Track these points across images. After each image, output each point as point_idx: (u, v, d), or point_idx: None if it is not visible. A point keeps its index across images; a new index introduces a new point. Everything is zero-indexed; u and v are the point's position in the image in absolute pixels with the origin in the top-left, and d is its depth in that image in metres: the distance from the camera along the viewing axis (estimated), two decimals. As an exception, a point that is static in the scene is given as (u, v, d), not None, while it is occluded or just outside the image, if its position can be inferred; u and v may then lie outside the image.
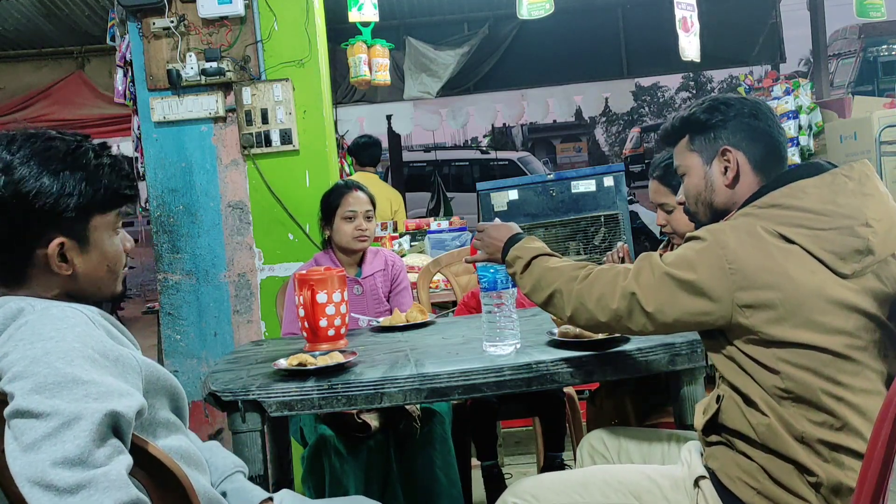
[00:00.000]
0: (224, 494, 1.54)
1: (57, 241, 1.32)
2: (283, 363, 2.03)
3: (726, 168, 1.67)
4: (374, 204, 2.97)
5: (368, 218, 2.93)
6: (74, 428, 1.14)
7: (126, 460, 1.18)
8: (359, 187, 2.97)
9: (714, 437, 1.63)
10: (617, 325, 1.65)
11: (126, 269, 1.49)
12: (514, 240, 1.88)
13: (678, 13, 5.14)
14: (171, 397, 1.45)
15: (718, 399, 1.61)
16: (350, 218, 2.89)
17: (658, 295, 1.58)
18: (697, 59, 5.28)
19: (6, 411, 1.18)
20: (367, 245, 2.97)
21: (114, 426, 1.19)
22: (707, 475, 1.63)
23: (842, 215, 1.52)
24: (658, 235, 7.51)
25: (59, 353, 1.21)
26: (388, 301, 2.96)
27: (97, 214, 1.37)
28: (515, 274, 1.85)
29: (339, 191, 2.97)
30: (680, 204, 1.81)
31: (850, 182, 1.56)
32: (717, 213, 1.71)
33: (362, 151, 5.74)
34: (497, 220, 2.03)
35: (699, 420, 1.67)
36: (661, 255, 1.63)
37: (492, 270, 1.99)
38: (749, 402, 1.54)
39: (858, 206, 1.54)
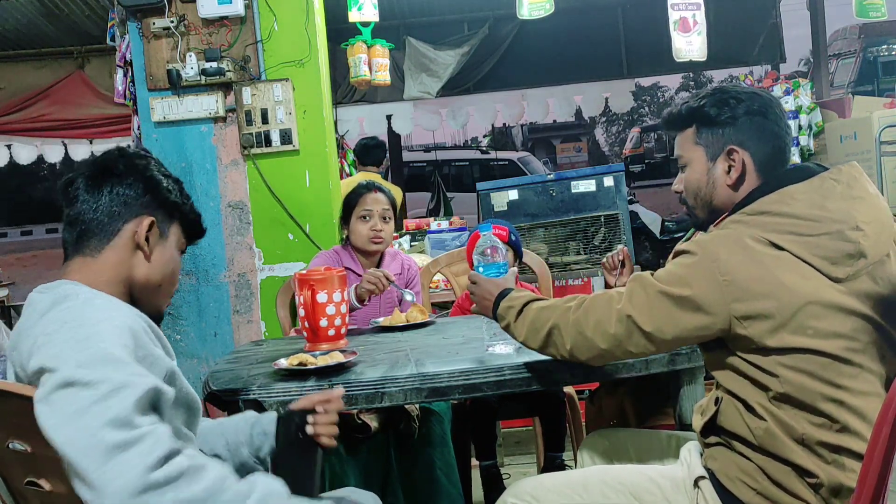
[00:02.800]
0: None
1: (149, 219, 1.50)
2: (283, 363, 2.03)
3: (730, 167, 1.64)
4: (394, 206, 2.96)
5: (385, 219, 2.91)
6: (122, 393, 1.20)
7: (168, 428, 1.24)
8: (379, 188, 2.96)
9: (713, 439, 1.63)
10: (618, 351, 1.63)
11: (169, 300, 1.61)
12: (503, 294, 1.86)
13: (674, 14, 5.15)
14: (188, 410, 1.49)
15: (717, 401, 1.61)
16: (365, 217, 2.88)
17: (654, 314, 1.56)
18: (703, 59, 5.28)
19: (48, 386, 1.21)
20: (383, 247, 2.96)
21: (153, 404, 1.25)
22: (706, 475, 1.63)
23: (831, 220, 1.51)
24: (658, 236, 7.50)
25: (101, 338, 1.27)
26: (400, 304, 2.97)
27: (178, 223, 1.58)
28: (509, 325, 1.81)
29: (358, 190, 2.95)
30: (677, 193, 1.78)
31: (839, 185, 1.55)
32: (715, 211, 1.68)
33: (366, 153, 5.77)
34: (485, 253, 2.00)
35: (697, 422, 1.66)
36: (652, 275, 1.61)
37: (493, 272, 1.99)
38: (748, 406, 1.54)
39: (848, 209, 1.52)
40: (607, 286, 2.53)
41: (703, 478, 1.63)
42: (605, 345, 1.63)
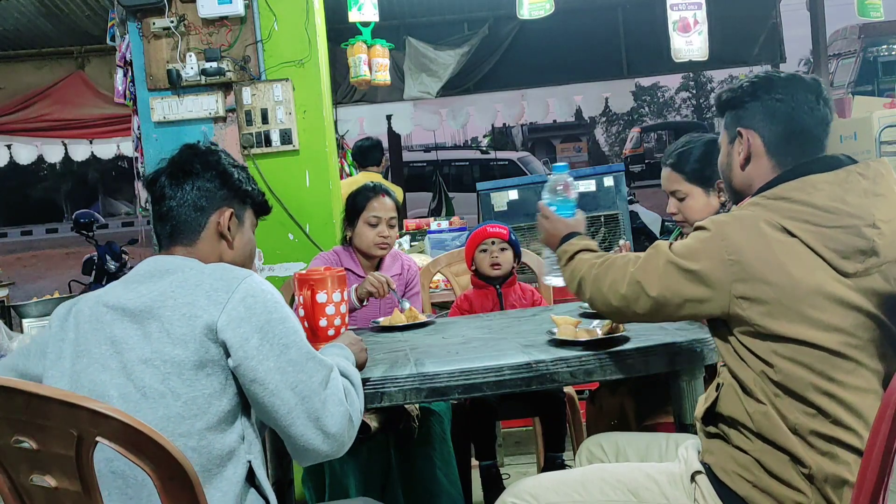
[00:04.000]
0: None
1: (229, 211, 1.72)
2: (283, 363, 2.02)
3: (741, 149, 1.69)
4: (398, 210, 2.98)
5: (392, 225, 2.93)
6: (335, 370, 1.61)
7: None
8: (386, 192, 2.97)
9: (712, 429, 1.64)
10: (626, 310, 1.72)
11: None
12: (568, 236, 1.98)
13: (674, 14, 5.15)
14: None
15: (718, 387, 1.62)
16: (373, 224, 2.89)
17: (662, 281, 1.63)
18: (704, 58, 5.28)
19: (303, 353, 1.53)
20: (388, 252, 2.98)
21: None
22: (703, 471, 1.64)
23: (849, 214, 1.52)
24: (658, 235, 7.51)
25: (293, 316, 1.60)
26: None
27: (251, 209, 1.80)
28: (561, 268, 1.95)
29: (365, 193, 2.95)
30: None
31: (864, 180, 1.56)
32: (736, 192, 1.74)
33: (365, 155, 5.75)
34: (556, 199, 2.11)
35: (700, 408, 1.68)
36: (670, 245, 1.66)
37: (564, 211, 2.08)
38: (746, 390, 1.55)
39: (867, 206, 1.53)
40: None
41: (699, 472, 1.64)
42: (615, 302, 1.73)
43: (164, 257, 1.67)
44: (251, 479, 1.54)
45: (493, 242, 2.97)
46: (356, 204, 2.94)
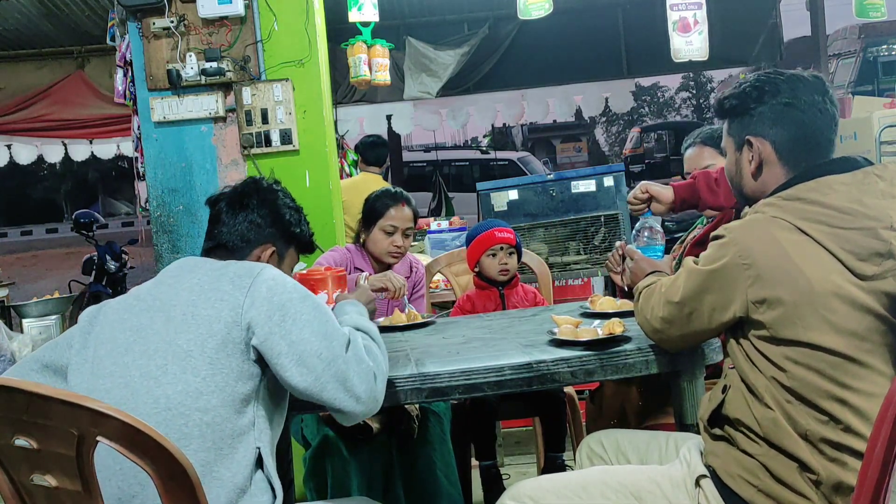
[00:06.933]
0: None
1: (272, 249, 1.90)
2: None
3: (752, 157, 1.67)
4: (416, 220, 2.98)
5: (407, 235, 2.94)
6: (353, 332, 1.72)
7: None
8: (407, 201, 2.97)
9: (717, 431, 1.63)
10: (669, 331, 1.75)
11: None
12: (648, 275, 2.00)
13: (673, 15, 5.16)
14: None
15: (724, 389, 1.61)
16: (389, 233, 2.90)
17: (685, 289, 1.65)
18: (704, 58, 5.29)
19: (324, 322, 1.64)
20: (399, 261, 2.99)
21: None
22: (707, 474, 1.63)
23: (866, 216, 1.50)
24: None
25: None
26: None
27: (294, 247, 1.97)
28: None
29: (385, 200, 2.95)
30: None
31: (881, 182, 1.54)
32: (748, 198, 1.73)
33: (370, 150, 5.71)
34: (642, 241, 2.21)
35: (704, 409, 1.67)
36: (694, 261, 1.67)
37: (650, 254, 2.18)
38: (756, 394, 1.54)
39: (885, 208, 1.51)
40: (614, 285, 2.55)
41: (704, 476, 1.63)
42: (657, 325, 1.77)
43: (194, 257, 1.80)
44: (260, 466, 1.60)
45: (501, 248, 2.96)
46: (375, 209, 2.93)
